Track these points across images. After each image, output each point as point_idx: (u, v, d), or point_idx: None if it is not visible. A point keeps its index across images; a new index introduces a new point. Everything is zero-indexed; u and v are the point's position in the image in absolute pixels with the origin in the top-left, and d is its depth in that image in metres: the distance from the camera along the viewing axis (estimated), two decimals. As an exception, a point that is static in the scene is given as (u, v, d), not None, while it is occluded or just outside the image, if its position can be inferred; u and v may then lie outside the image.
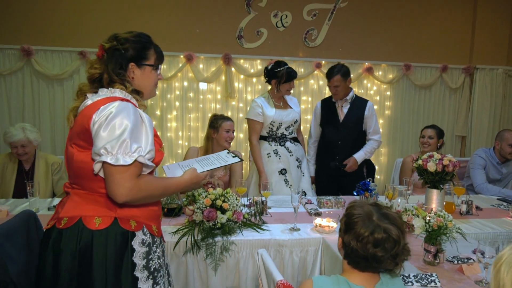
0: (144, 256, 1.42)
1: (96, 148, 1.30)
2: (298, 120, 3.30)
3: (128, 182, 1.31)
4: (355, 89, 4.85)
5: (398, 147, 5.07)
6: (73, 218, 1.37)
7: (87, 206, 1.39)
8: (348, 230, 1.27)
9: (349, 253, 1.27)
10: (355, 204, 1.33)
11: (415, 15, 4.92)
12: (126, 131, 1.30)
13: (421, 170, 2.58)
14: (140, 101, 1.51)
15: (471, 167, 3.59)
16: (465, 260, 1.84)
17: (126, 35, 1.50)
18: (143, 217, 1.45)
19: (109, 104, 1.34)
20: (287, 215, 2.51)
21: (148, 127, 1.39)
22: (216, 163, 1.79)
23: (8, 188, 2.97)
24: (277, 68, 3.16)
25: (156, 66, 1.58)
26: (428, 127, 3.59)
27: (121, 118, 1.32)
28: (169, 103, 4.61)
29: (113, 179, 1.30)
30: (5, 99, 4.28)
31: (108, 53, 1.47)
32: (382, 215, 1.27)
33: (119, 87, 1.45)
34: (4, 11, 4.19)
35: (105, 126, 1.30)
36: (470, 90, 5.10)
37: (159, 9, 4.43)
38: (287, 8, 4.66)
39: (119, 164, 1.28)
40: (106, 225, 1.37)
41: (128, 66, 1.49)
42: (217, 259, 2.06)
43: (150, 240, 1.46)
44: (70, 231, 1.35)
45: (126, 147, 1.30)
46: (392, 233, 1.22)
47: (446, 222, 1.80)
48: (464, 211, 2.68)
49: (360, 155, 3.35)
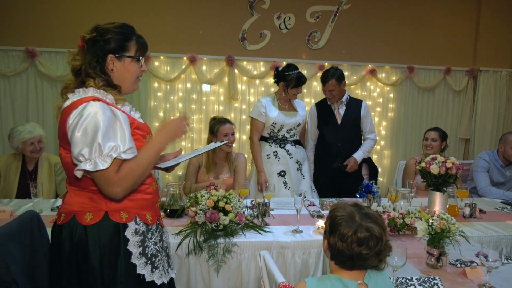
0: (140, 244, 1.47)
1: (74, 155, 1.34)
2: (301, 124, 3.30)
3: (114, 180, 1.35)
4: (358, 91, 4.88)
5: (401, 150, 5.06)
6: (68, 214, 1.45)
7: (79, 202, 1.45)
8: (332, 231, 1.32)
9: (336, 253, 1.32)
10: (338, 206, 1.38)
11: (418, 17, 4.91)
12: (98, 133, 1.32)
13: (424, 173, 2.57)
14: (117, 95, 1.49)
15: (475, 170, 3.57)
16: (468, 264, 1.83)
17: (107, 26, 1.48)
18: (135, 208, 1.49)
19: (80, 106, 1.35)
20: (289, 217, 2.50)
21: (124, 123, 1.40)
22: (204, 149, 1.99)
23: (12, 189, 2.98)
24: (287, 71, 3.16)
25: (137, 57, 1.53)
26: (431, 129, 3.58)
27: (92, 119, 1.33)
28: (172, 104, 4.62)
29: (100, 183, 1.36)
30: (9, 100, 4.29)
31: (88, 44, 1.46)
32: (363, 215, 1.32)
33: (91, 83, 1.43)
34: (8, 13, 4.21)
35: (78, 130, 1.32)
36: (474, 93, 5.08)
37: (163, 11, 4.45)
38: (290, 10, 4.66)
39: (99, 169, 1.31)
40: (97, 219, 1.42)
41: (107, 58, 1.47)
42: (220, 260, 2.06)
43: (144, 228, 1.50)
44: (67, 226, 1.43)
45: (101, 150, 1.32)
46: (374, 231, 1.27)
47: (449, 225, 1.79)
48: (467, 214, 2.67)
49: (360, 154, 3.37)
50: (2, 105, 4.28)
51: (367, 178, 3.89)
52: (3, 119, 4.29)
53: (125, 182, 1.38)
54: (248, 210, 2.44)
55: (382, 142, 5.06)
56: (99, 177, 1.35)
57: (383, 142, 5.06)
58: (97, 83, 1.44)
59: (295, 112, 3.28)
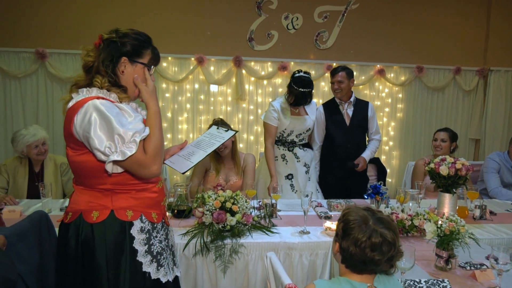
0: (145, 242, 1.49)
1: (100, 150, 1.36)
2: (311, 128, 3.28)
3: (147, 161, 1.40)
4: (366, 91, 4.86)
5: (410, 150, 5.02)
6: (75, 213, 1.47)
7: (86, 201, 1.47)
8: (345, 235, 1.31)
9: (347, 257, 1.31)
10: (350, 210, 1.37)
11: (427, 16, 4.86)
12: (113, 124, 1.36)
13: (433, 174, 2.54)
14: (121, 94, 1.51)
15: (485, 171, 3.53)
16: (478, 266, 1.80)
17: (126, 30, 1.52)
18: (140, 206, 1.51)
19: (84, 106, 1.38)
20: (297, 218, 2.49)
21: (129, 110, 1.45)
22: (214, 142, 1.78)
23: (22, 191, 3.00)
24: (293, 84, 3.09)
25: (149, 66, 1.56)
26: (440, 130, 3.54)
27: (100, 114, 1.36)
28: (180, 105, 4.64)
29: (135, 169, 1.41)
30: (19, 102, 4.35)
31: (104, 43, 1.49)
32: (377, 219, 1.31)
33: (98, 80, 1.47)
34: (19, 15, 4.27)
35: (93, 128, 1.35)
36: (484, 93, 5.02)
37: (171, 12, 4.47)
38: (298, 10, 4.65)
39: (127, 156, 1.36)
40: (103, 218, 1.44)
41: (120, 59, 1.49)
42: (226, 261, 2.06)
43: (150, 227, 1.52)
44: (74, 225, 1.46)
45: (123, 138, 1.36)
46: (388, 237, 1.27)
47: (458, 227, 1.77)
48: (477, 216, 2.63)
49: (368, 154, 3.38)
50: (13, 106, 4.34)
51: (375, 179, 3.86)
52: (14, 119, 4.35)
53: (157, 158, 1.43)
54: (255, 211, 2.44)
55: (391, 143, 5.02)
56: (132, 164, 1.39)
57: (392, 143, 5.03)
58: (103, 82, 1.47)
59: (306, 117, 3.23)
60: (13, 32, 4.28)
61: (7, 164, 3.05)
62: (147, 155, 1.41)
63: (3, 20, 4.26)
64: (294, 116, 3.21)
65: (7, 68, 4.25)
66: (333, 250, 1.40)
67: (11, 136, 3.07)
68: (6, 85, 4.32)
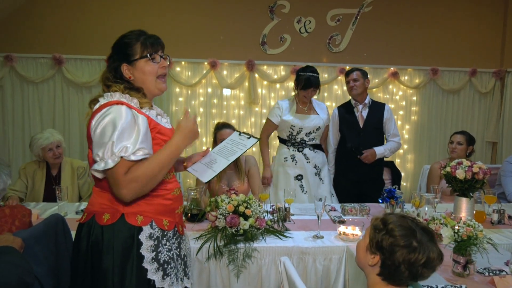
0: (153, 249, 1.47)
1: (93, 156, 1.40)
2: (321, 127, 3.26)
3: (121, 181, 1.36)
4: (379, 94, 4.81)
5: (425, 154, 4.95)
6: (89, 214, 1.50)
7: (99, 203, 1.49)
8: (394, 252, 1.23)
9: (392, 273, 1.25)
10: (393, 221, 1.28)
11: (442, 17, 4.80)
12: (114, 134, 1.35)
13: (449, 178, 2.50)
14: (142, 99, 1.52)
15: (503, 175, 3.45)
16: (497, 272, 1.76)
17: (117, 40, 1.56)
18: (152, 212, 1.50)
19: (104, 109, 1.41)
20: (310, 223, 2.48)
21: (141, 127, 1.42)
22: (236, 150, 1.72)
23: (39, 194, 3.06)
24: (301, 72, 3.17)
25: (145, 56, 1.52)
26: (458, 132, 3.48)
27: (111, 122, 1.37)
28: (193, 109, 4.67)
29: (110, 183, 1.40)
30: (37, 106, 4.44)
31: (109, 60, 1.56)
32: (423, 231, 1.26)
33: (115, 88, 1.49)
34: (36, 22, 4.37)
35: (98, 133, 1.38)
36: (501, 95, 4.93)
37: (184, 17, 4.51)
38: (311, 14, 4.65)
39: (108, 168, 1.35)
40: (113, 220, 1.45)
41: (121, 68, 1.52)
42: (240, 265, 2.05)
43: (159, 234, 1.50)
44: (86, 225, 1.48)
45: (112, 149, 1.34)
46: (441, 254, 1.25)
47: (476, 232, 1.73)
48: (495, 221, 2.57)
49: (380, 150, 3.28)
50: (31, 110, 4.44)
51: (390, 183, 3.82)
52: (32, 124, 4.44)
53: (133, 185, 1.38)
54: (268, 215, 2.43)
55: (406, 146, 4.96)
56: (109, 177, 1.39)
57: (406, 146, 4.96)
58: (118, 87, 1.49)
59: (315, 115, 3.24)
60: (30, 39, 4.37)
61: (26, 168, 3.11)
62: (126, 176, 1.36)
63: (21, 27, 4.36)
64: (302, 114, 3.21)
65: (25, 74, 4.35)
66: (362, 260, 1.33)
67: (28, 141, 3.13)
68: (24, 90, 4.41)
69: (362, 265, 1.36)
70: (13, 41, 4.35)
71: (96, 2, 4.41)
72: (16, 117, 4.44)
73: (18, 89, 4.42)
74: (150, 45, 1.53)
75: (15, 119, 4.44)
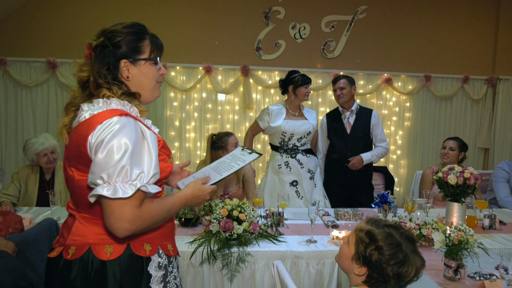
0: (161, 280, 1.29)
1: (92, 177, 1.12)
2: (311, 132, 3.29)
3: (129, 215, 1.12)
4: (373, 100, 4.85)
5: (418, 159, 4.99)
6: (81, 247, 1.21)
7: (95, 233, 1.22)
8: (382, 268, 1.25)
9: (378, 283, 1.28)
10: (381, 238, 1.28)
11: (435, 25, 4.87)
12: (126, 154, 1.12)
13: (441, 183, 2.52)
14: (140, 107, 1.30)
15: (494, 180, 3.49)
16: (487, 276, 1.78)
17: (115, 27, 1.29)
18: (158, 238, 1.30)
19: (106, 122, 1.15)
20: (304, 227, 2.49)
21: (151, 144, 1.21)
22: (234, 165, 1.54)
23: (32, 198, 3.04)
24: (291, 75, 3.26)
25: (154, 59, 1.32)
26: (450, 138, 3.51)
27: (120, 138, 1.13)
28: (188, 114, 4.67)
29: (111, 213, 1.12)
30: (30, 110, 4.42)
31: (95, 51, 1.26)
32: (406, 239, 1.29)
33: (106, 92, 1.23)
34: (30, 26, 4.36)
35: (102, 150, 1.12)
36: (493, 102, 4.99)
37: (179, 22, 4.53)
38: (305, 20, 4.69)
39: (118, 197, 1.10)
40: (119, 254, 1.21)
41: (119, 64, 1.26)
42: (233, 270, 2.06)
43: (166, 261, 1.33)
44: (80, 263, 1.20)
45: (126, 174, 1.11)
46: (424, 261, 1.29)
47: (467, 236, 1.75)
48: (486, 226, 2.60)
49: (367, 156, 3.30)
50: (24, 114, 4.41)
51: (383, 188, 3.84)
52: (25, 128, 4.42)
53: (140, 223, 1.16)
54: (262, 220, 2.44)
55: (399, 152, 5.00)
56: (114, 207, 1.11)
57: (400, 152, 5.00)
58: (115, 92, 1.24)
59: (305, 120, 3.27)
60: (24, 42, 4.37)
61: (19, 172, 3.09)
62: (139, 210, 1.15)
63: (15, 31, 4.35)
64: (292, 119, 3.24)
65: (19, 78, 4.33)
66: (351, 269, 1.32)
67: (21, 145, 3.11)
68: (17, 94, 4.40)
69: (346, 270, 1.38)
70: (7, 45, 4.34)
71: (91, 6, 4.41)
72: (10, 121, 4.42)
73: (12, 93, 4.40)
74: (157, 47, 1.34)
75: (8, 123, 4.42)
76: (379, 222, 1.34)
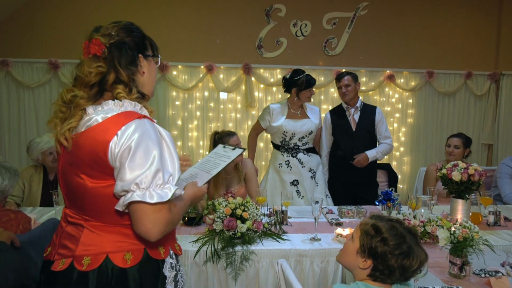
0: (173, 280, 1.31)
1: (124, 184, 1.11)
2: (313, 131, 3.27)
3: (166, 219, 1.14)
4: (376, 97, 4.83)
5: (421, 156, 4.97)
6: (97, 257, 1.17)
7: (111, 241, 1.20)
8: (387, 259, 1.27)
9: (383, 275, 1.29)
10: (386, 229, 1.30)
11: (437, 20, 4.84)
12: (156, 158, 1.12)
13: (445, 180, 2.51)
14: (149, 107, 1.29)
15: (498, 177, 3.47)
16: (493, 273, 1.77)
17: (119, 26, 1.28)
18: (168, 239, 1.32)
19: (127, 127, 1.13)
20: (307, 225, 2.48)
21: (171, 146, 1.21)
22: (220, 162, 1.59)
23: (36, 198, 3.05)
24: (296, 76, 3.19)
25: (157, 56, 1.37)
26: (454, 135, 3.48)
27: (146, 143, 1.12)
28: (190, 113, 4.67)
29: (147, 218, 1.11)
30: (33, 111, 4.44)
31: (112, 47, 1.23)
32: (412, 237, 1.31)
33: (121, 92, 1.21)
34: (32, 27, 4.37)
35: (131, 157, 1.11)
36: (496, 97, 4.96)
37: (180, 21, 4.52)
38: (307, 17, 4.67)
39: (155, 201, 1.10)
40: (138, 260, 1.20)
41: (138, 59, 1.27)
42: (237, 268, 2.06)
43: (175, 261, 1.35)
44: (99, 273, 1.16)
45: (159, 178, 1.12)
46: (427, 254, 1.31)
47: (472, 233, 1.74)
48: (491, 222, 2.59)
49: (372, 153, 3.28)
50: (27, 115, 4.42)
51: (387, 185, 3.83)
52: (28, 129, 4.43)
53: (171, 225, 1.21)
54: (265, 218, 2.43)
55: (402, 149, 4.98)
56: (151, 212, 1.11)
57: (403, 149, 4.98)
58: (133, 93, 1.23)
59: (307, 120, 3.25)
60: (26, 43, 4.37)
61: (23, 173, 3.09)
62: (171, 212, 1.17)
63: (17, 32, 4.36)
64: (294, 119, 3.22)
65: (21, 79, 4.34)
66: (356, 263, 1.33)
67: (24, 145, 3.12)
68: (20, 95, 4.41)
69: (350, 267, 1.39)
70: (9, 46, 4.35)
71: (92, 7, 4.41)
72: (12, 122, 4.43)
73: (14, 94, 4.41)
74: (155, 45, 1.37)
75: (11, 124, 4.43)
76: (383, 217, 1.37)
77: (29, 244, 1.70)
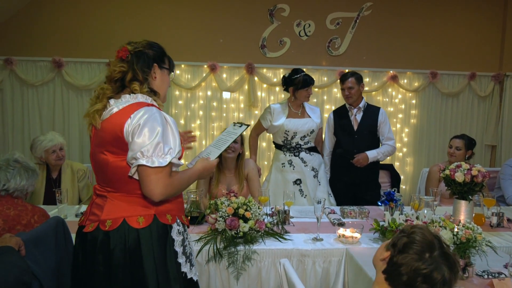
0: (181, 244, 1.59)
1: (133, 153, 1.42)
2: (315, 131, 3.27)
3: (164, 181, 1.43)
4: (379, 97, 4.83)
5: (424, 157, 4.96)
6: (117, 220, 1.49)
7: (127, 207, 1.51)
8: (404, 252, 1.23)
9: (393, 272, 1.24)
10: (420, 229, 1.27)
11: (441, 21, 4.82)
12: (159, 134, 1.43)
13: (448, 180, 2.50)
14: (158, 101, 1.61)
15: (502, 178, 3.46)
16: (496, 275, 1.76)
17: (145, 41, 1.63)
18: (176, 210, 1.61)
19: (138, 112, 1.46)
20: (310, 225, 2.48)
21: (174, 128, 1.52)
22: (228, 139, 1.87)
23: (39, 197, 3.06)
24: (293, 75, 3.19)
25: (172, 70, 1.70)
26: (456, 137, 3.47)
27: (152, 123, 1.44)
28: (193, 112, 4.68)
29: (150, 180, 1.42)
30: (37, 109, 4.45)
31: (134, 54, 1.57)
32: (443, 254, 1.22)
33: (136, 86, 1.53)
34: (36, 26, 4.39)
35: (139, 133, 1.43)
36: (500, 98, 4.94)
37: (183, 20, 4.53)
38: (310, 17, 4.67)
39: (155, 166, 1.40)
40: (148, 222, 1.50)
41: (153, 66, 1.60)
42: (239, 268, 2.06)
43: (183, 229, 1.63)
44: (117, 232, 1.47)
45: (160, 149, 1.43)
46: (447, 277, 1.19)
47: (475, 234, 1.74)
48: (494, 224, 2.58)
49: (373, 153, 3.27)
50: (31, 113, 4.44)
51: (389, 186, 3.82)
52: (31, 127, 4.45)
53: (170, 189, 1.47)
54: (268, 218, 2.43)
55: (405, 149, 4.97)
56: (152, 174, 1.41)
57: (406, 149, 4.97)
58: (142, 88, 1.55)
59: (308, 119, 3.25)
60: (30, 42, 4.39)
61: None
62: (170, 178, 1.46)
63: (21, 30, 4.38)
64: (295, 118, 3.22)
65: (25, 77, 4.36)
66: (378, 255, 1.32)
67: (28, 143, 3.13)
68: (23, 93, 4.43)
69: (375, 261, 1.35)
70: (13, 44, 4.37)
71: (96, 6, 4.42)
72: (16, 120, 4.45)
73: (18, 92, 4.43)
74: (172, 63, 1.71)
75: (15, 122, 4.45)
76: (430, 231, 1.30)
77: (33, 242, 1.70)
